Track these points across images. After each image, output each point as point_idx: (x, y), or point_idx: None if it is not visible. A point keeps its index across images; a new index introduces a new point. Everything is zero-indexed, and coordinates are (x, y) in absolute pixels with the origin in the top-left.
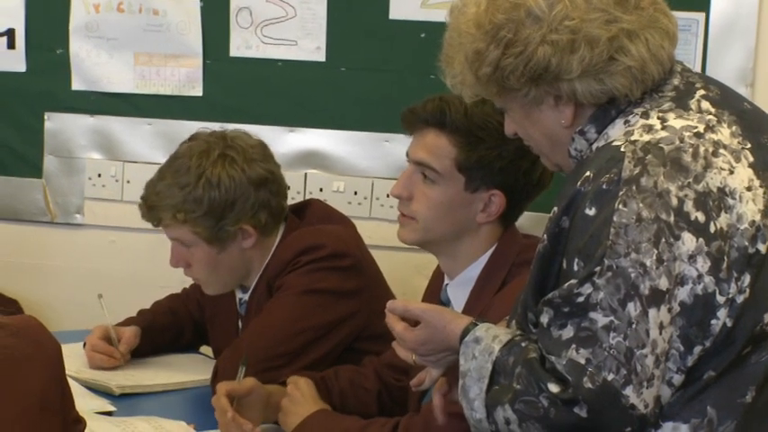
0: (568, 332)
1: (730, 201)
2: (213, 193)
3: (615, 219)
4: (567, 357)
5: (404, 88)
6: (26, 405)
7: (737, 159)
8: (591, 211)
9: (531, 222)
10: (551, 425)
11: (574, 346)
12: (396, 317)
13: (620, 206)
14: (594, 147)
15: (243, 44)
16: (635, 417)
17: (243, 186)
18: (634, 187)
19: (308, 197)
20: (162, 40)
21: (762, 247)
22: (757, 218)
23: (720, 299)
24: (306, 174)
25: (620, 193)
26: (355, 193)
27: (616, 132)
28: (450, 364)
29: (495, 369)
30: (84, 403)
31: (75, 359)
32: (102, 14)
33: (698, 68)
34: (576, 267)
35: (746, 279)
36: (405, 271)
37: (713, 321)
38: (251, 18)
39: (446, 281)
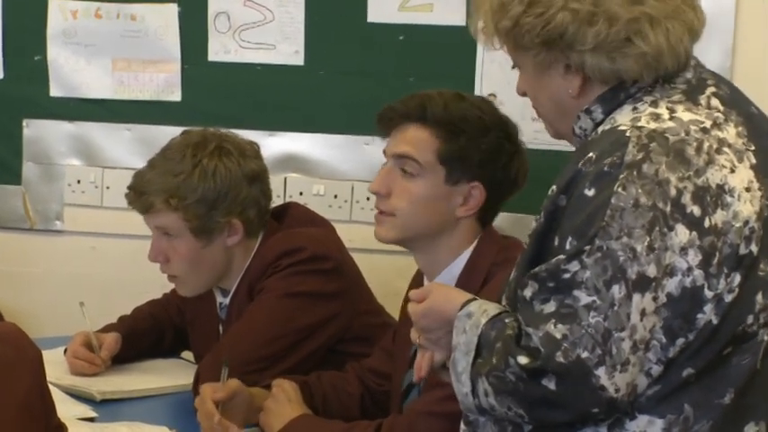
0: (550, 307)
1: (728, 198)
2: (208, 183)
3: (613, 201)
4: (544, 330)
5: (383, 91)
6: (8, 412)
7: (740, 159)
8: (590, 192)
9: (509, 224)
10: (522, 398)
11: (553, 320)
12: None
13: (620, 189)
14: (600, 129)
15: (221, 49)
16: (603, 398)
17: (237, 179)
18: (635, 172)
19: (288, 201)
20: (140, 45)
21: (753, 249)
22: (752, 219)
23: (709, 294)
24: (285, 178)
25: (621, 176)
26: (335, 196)
27: (623, 117)
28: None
29: (480, 342)
30: (66, 409)
31: (56, 366)
32: (80, 20)
33: None
34: (568, 246)
35: (736, 279)
36: (385, 274)
37: (699, 315)
38: (229, 23)
39: (425, 282)
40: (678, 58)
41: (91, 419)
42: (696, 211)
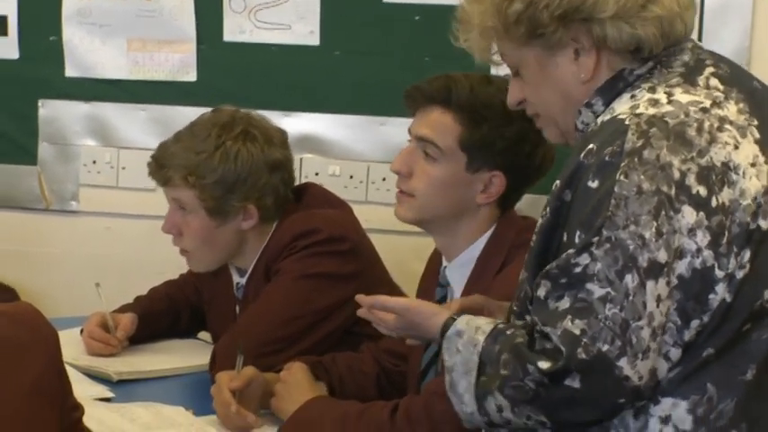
0: (565, 303)
1: (734, 176)
2: (228, 166)
3: (616, 190)
4: (562, 327)
5: (398, 71)
6: (24, 392)
7: (743, 135)
8: (593, 184)
9: (528, 204)
10: (544, 405)
11: (569, 316)
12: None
13: (622, 177)
14: (599, 120)
15: (236, 29)
16: (628, 388)
17: (258, 166)
18: (636, 159)
19: (303, 181)
20: (155, 25)
21: (763, 224)
22: (760, 194)
23: (719, 273)
24: (301, 158)
25: (622, 164)
26: (351, 176)
27: (622, 106)
28: None
29: (481, 360)
30: (83, 390)
31: (72, 346)
32: (95, 0)
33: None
34: (576, 240)
35: (746, 255)
36: (402, 254)
37: (711, 296)
38: (244, 3)
39: (444, 263)
40: (686, 26)
41: (107, 400)
42: (702, 191)
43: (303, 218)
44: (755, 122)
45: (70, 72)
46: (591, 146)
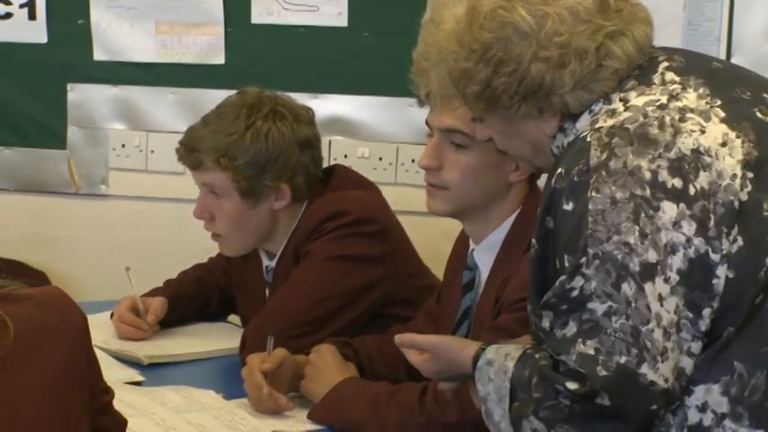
0: (571, 328)
1: (707, 159)
2: (260, 146)
3: (590, 207)
4: (576, 352)
5: None
6: (52, 376)
7: (707, 119)
8: (569, 206)
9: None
10: (580, 421)
11: (580, 339)
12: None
13: (593, 194)
14: (565, 142)
15: (264, 11)
16: (657, 393)
17: (289, 144)
18: (603, 172)
19: (332, 163)
20: (183, 8)
21: (744, 196)
22: (737, 169)
23: (715, 257)
24: (330, 140)
25: (591, 181)
26: (380, 158)
27: (582, 124)
28: None
29: (512, 386)
30: (113, 374)
31: (102, 330)
32: None
33: (724, 26)
34: (567, 264)
35: (736, 229)
36: (431, 236)
37: (714, 281)
38: None
39: (472, 246)
40: (645, 50)
41: (138, 383)
42: (677, 183)
43: (332, 200)
44: (718, 102)
45: (98, 56)
46: (560, 170)
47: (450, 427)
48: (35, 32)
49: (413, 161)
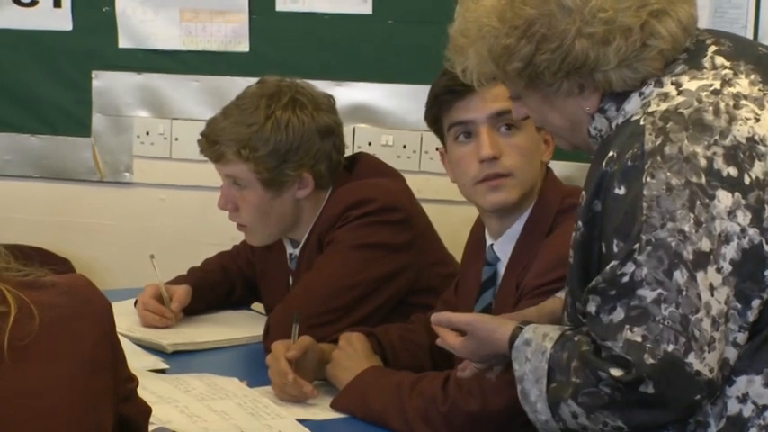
0: (619, 314)
1: (762, 148)
2: (280, 135)
3: (645, 193)
4: (623, 339)
5: None
6: (78, 363)
7: (761, 106)
8: (620, 191)
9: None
10: (620, 408)
11: (627, 326)
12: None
13: (649, 179)
14: (614, 124)
15: None
16: (702, 383)
17: (310, 132)
18: (659, 158)
19: (356, 151)
20: None
21: None
22: None
23: None
24: (354, 128)
25: (646, 166)
26: (404, 146)
27: (633, 107)
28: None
29: (550, 367)
30: (137, 361)
31: (126, 317)
32: None
33: (750, 13)
34: (615, 248)
35: None
36: (455, 224)
37: (767, 272)
38: None
39: (490, 241)
40: (690, 31)
41: (162, 371)
42: (732, 171)
43: (356, 188)
44: None
45: (123, 43)
46: (611, 153)
47: (472, 416)
48: (60, 20)
49: (437, 149)
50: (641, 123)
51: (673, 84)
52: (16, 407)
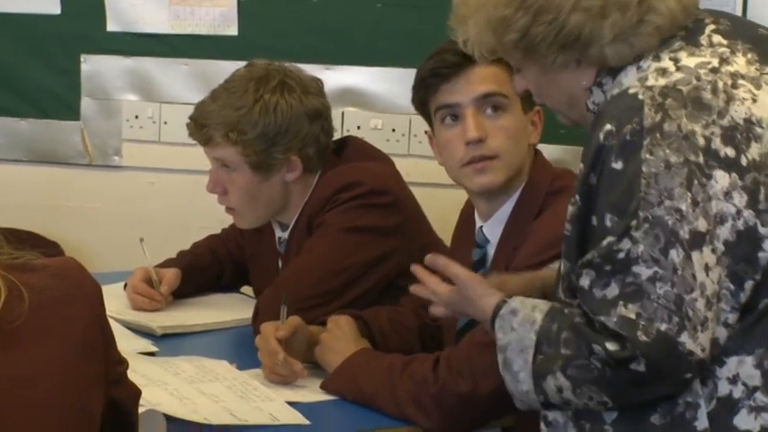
0: (613, 290)
1: (758, 129)
2: (269, 119)
3: (644, 169)
4: (617, 315)
5: (441, 23)
6: (68, 346)
7: (758, 87)
8: (618, 165)
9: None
10: (608, 384)
11: (621, 302)
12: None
13: (647, 155)
14: (609, 95)
15: None
16: (694, 362)
17: (298, 116)
18: (658, 134)
19: (345, 135)
20: None
21: None
22: None
23: (763, 230)
24: (343, 112)
25: (645, 142)
26: (393, 130)
27: (630, 79)
28: None
29: (538, 339)
30: (127, 344)
31: (116, 300)
32: None
33: (738, 3)
34: (608, 223)
35: None
36: (444, 208)
37: (761, 254)
38: None
39: (479, 223)
40: (690, 11)
41: (152, 354)
42: (730, 152)
43: (345, 171)
44: (767, 70)
45: (112, 27)
46: (608, 126)
47: (462, 397)
48: (48, 3)
49: (425, 132)
50: (639, 97)
51: (671, 59)
52: (8, 394)
